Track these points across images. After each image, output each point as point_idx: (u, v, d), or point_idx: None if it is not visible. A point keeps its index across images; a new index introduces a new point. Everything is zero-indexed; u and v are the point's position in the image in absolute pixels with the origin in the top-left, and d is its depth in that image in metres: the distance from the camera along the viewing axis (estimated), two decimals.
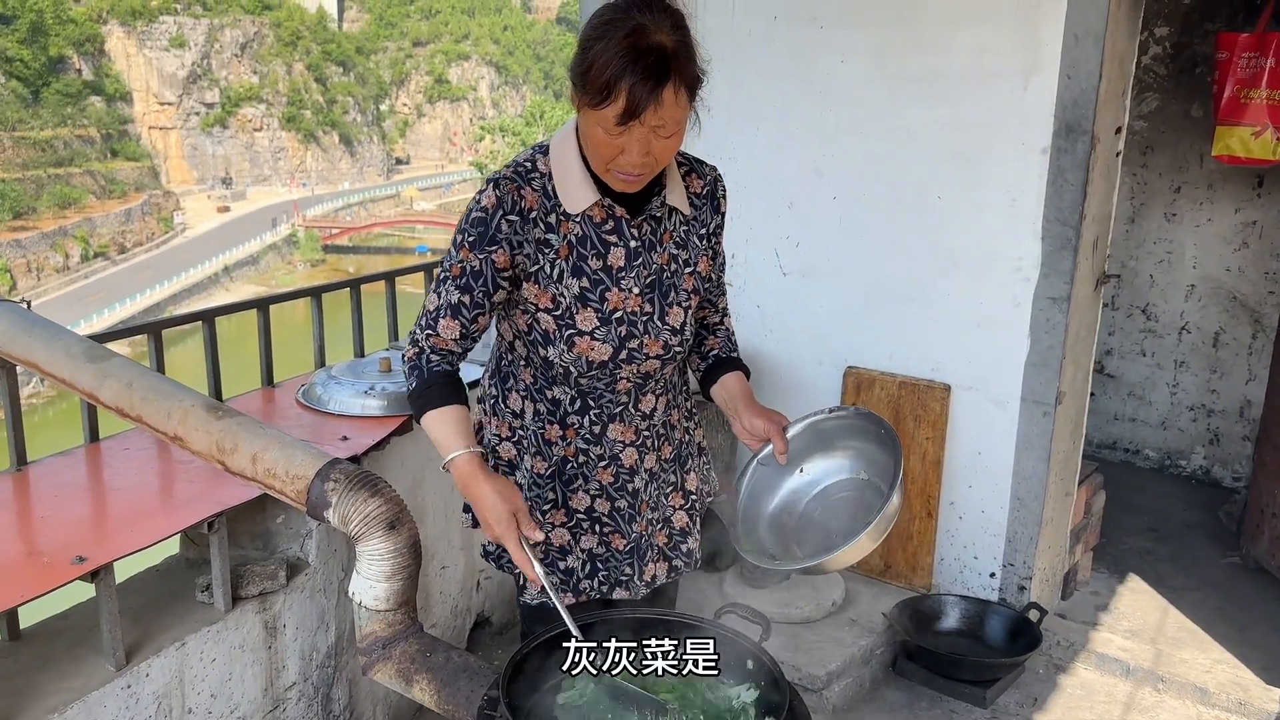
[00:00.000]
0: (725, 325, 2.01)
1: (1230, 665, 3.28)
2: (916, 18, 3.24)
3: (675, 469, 1.95)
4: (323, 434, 2.52)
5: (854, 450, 1.91)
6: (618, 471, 1.85)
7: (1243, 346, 4.67)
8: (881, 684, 3.18)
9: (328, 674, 2.49)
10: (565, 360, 1.73)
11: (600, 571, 1.88)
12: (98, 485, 2.36)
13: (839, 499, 1.89)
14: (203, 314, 2.83)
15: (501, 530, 1.63)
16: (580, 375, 1.75)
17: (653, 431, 1.87)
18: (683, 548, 1.98)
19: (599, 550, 1.88)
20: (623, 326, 1.73)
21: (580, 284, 1.71)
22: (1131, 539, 4.20)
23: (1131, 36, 3.14)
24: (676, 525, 1.96)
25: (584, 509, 1.86)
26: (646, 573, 1.91)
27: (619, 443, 1.83)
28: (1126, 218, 4.83)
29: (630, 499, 1.86)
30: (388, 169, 70.72)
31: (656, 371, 1.82)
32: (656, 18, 1.55)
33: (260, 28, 63.28)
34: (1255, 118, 3.93)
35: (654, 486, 1.90)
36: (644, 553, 1.90)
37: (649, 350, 1.76)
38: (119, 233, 47.60)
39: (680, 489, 1.96)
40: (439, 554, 2.95)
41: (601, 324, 1.71)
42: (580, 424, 1.81)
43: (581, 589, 1.88)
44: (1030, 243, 3.15)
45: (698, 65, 1.60)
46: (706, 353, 1.99)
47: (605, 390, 1.79)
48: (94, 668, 1.98)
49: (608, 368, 1.74)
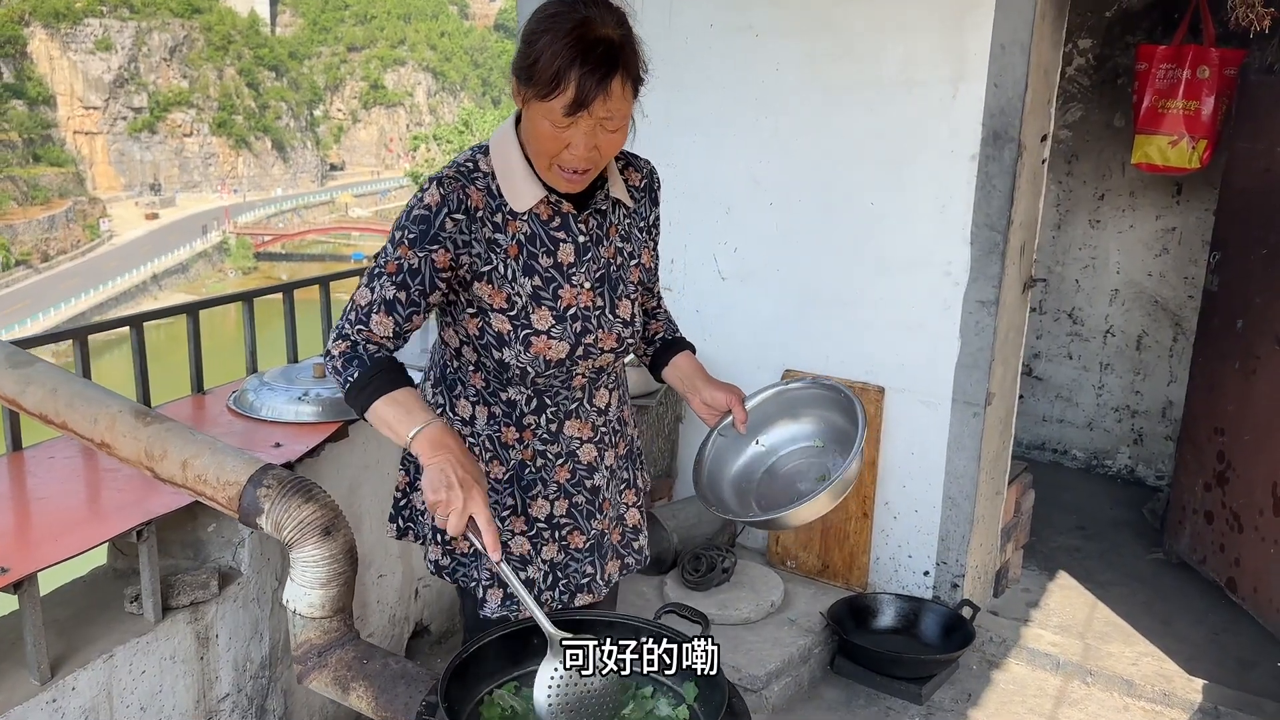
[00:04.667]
0: (664, 309, 2.03)
1: (1155, 658, 3.38)
2: (846, 27, 3.29)
3: (629, 466, 1.97)
4: (255, 440, 2.48)
5: (811, 419, 1.94)
6: (575, 468, 1.84)
7: (1164, 349, 4.82)
8: (820, 683, 3.22)
9: (262, 684, 2.45)
10: (522, 361, 1.71)
11: (561, 580, 1.87)
12: (20, 494, 2.29)
13: (796, 465, 1.92)
14: (130, 319, 2.76)
15: (481, 488, 1.53)
16: (537, 375, 1.73)
17: (609, 428, 1.88)
18: (634, 545, 1.99)
19: (559, 558, 1.86)
20: (577, 323, 1.73)
21: (533, 283, 1.69)
22: (1060, 537, 4.31)
23: (1056, 47, 3.23)
24: (629, 522, 1.97)
25: (544, 516, 1.83)
26: (606, 571, 1.91)
27: (576, 439, 1.83)
28: (1053, 224, 4.96)
29: (589, 495, 1.86)
30: (322, 175, 69.65)
31: (609, 365, 1.82)
32: (601, 12, 1.56)
33: (190, 31, 61.95)
34: (1172, 127, 4.08)
35: (613, 484, 1.91)
36: (605, 551, 1.90)
37: (603, 344, 1.76)
38: (42, 240, 46.21)
39: (632, 485, 1.98)
40: (376, 562, 2.92)
41: (557, 322, 1.71)
42: (537, 424, 1.79)
43: (543, 599, 1.85)
44: (960, 247, 3.22)
45: (642, 62, 1.62)
46: (652, 337, 2.00)
47: (561, 387, 1.78)
48: (17, 681, 1.92)
49: (564, 365, 1.73)
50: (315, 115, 72.16)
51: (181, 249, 49.62)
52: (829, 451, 1.90)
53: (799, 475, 1.90)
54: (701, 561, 3.38)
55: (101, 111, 57.50)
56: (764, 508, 1.89)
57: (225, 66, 63.06)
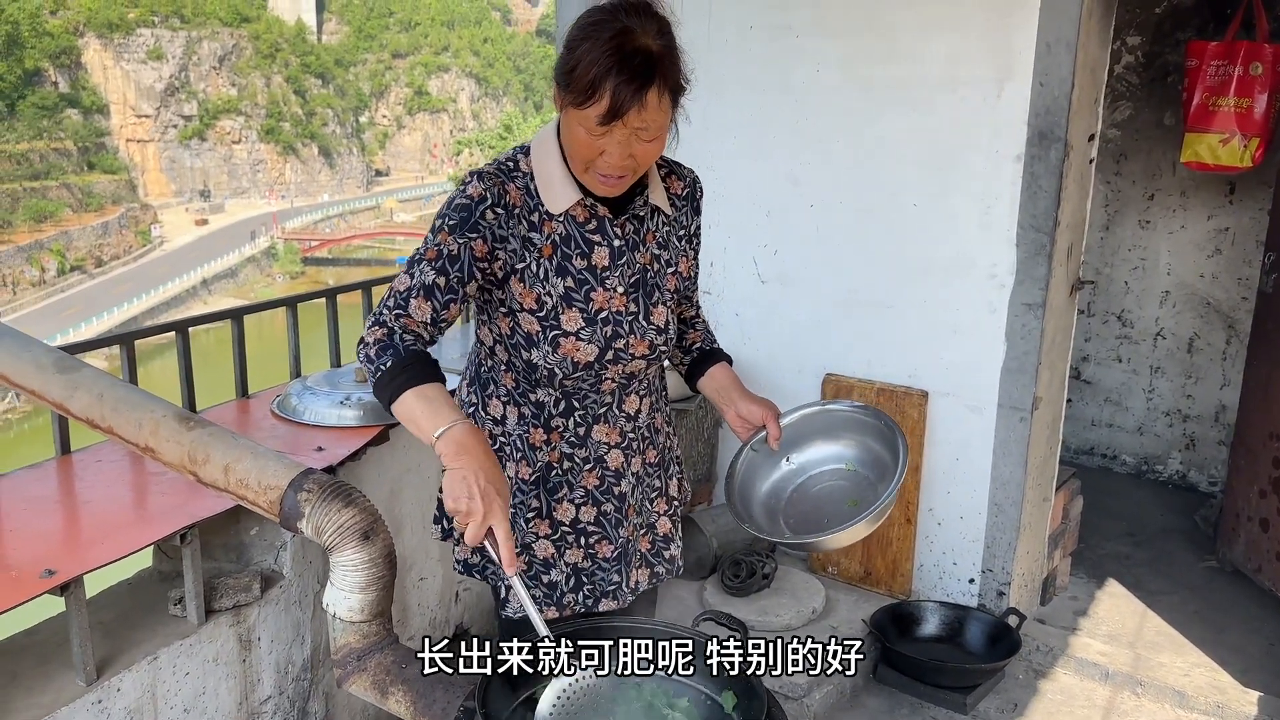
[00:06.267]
0: (702, 318, 2.03)
1: (1208, 668, 3.30)
2: (889, 27, 3.26)
3: (659, 473, 1.95)
4: (298, 445, 2.50)
5: (845, 442, 1.93)
6: (603, 474, 1.83)
7: (1217, 352, 4.71)
8: (862, 691, 3.18)
9: (304, 687, 2.46)
10: (550, 362, 1.71)
11: (585, 585, 1.86)
12: (69, 498, 2.33)
13: (825, 488, 1.91)
14: (176, 324, 2.80)
15: (503, 500, 1.50)
16: (565, 377, 1.73)
17: (637, 434, 1.86)
18: (665, 554, 1.97)
19: (584, 564, 1.85)
20: (608, 326, 1.72)
21: (565, 284, 1.69)
22: (1109, 544, 4.22)
23: (1104, 45, 3.17)
24: (660, 531, 1.96)
25: (569, 520, 1.83)
26: (632, 579, 1.90)
27: (604, 444, 1.82)
28: (1101, 225, 4.87)
29: (617, 503, 1.85)
30: (367, 181, 70.48)
31: (641, 372, 1.81)
32: (643, 22, 1.56)
33: (239, 40, 63.05)
34: (1223, 125, 3.99)
35: (640, 491, 1.90)
36: (630, 559, 1.89)
37: (635, 350, 1.76)
38: (96, 246, 47.21)
39: (664, 494, 1.96)
40: (416, 565, 2.93)
41: (587, 324, 1.70)
42: (565, 426, 1.79)
43: (565, 603, 1.85)
44: (1005, 249, 3.16)
45: (682, 72, 1.61)
46: (689, 347, 1.99)
47: (590, 391, 1.78)
48: (64, 683, 1.95)
49: (593, 368, 1.73)
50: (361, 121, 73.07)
51: (230, 254, 50.43)
52: (858, 476, 1.88)
53: (827, 498, 1.88)
54: (741, 567, 3.36)
55: (153, 119, 58.68)
56: (792, 529, 1.88)
57: (273, 74, 64.08)
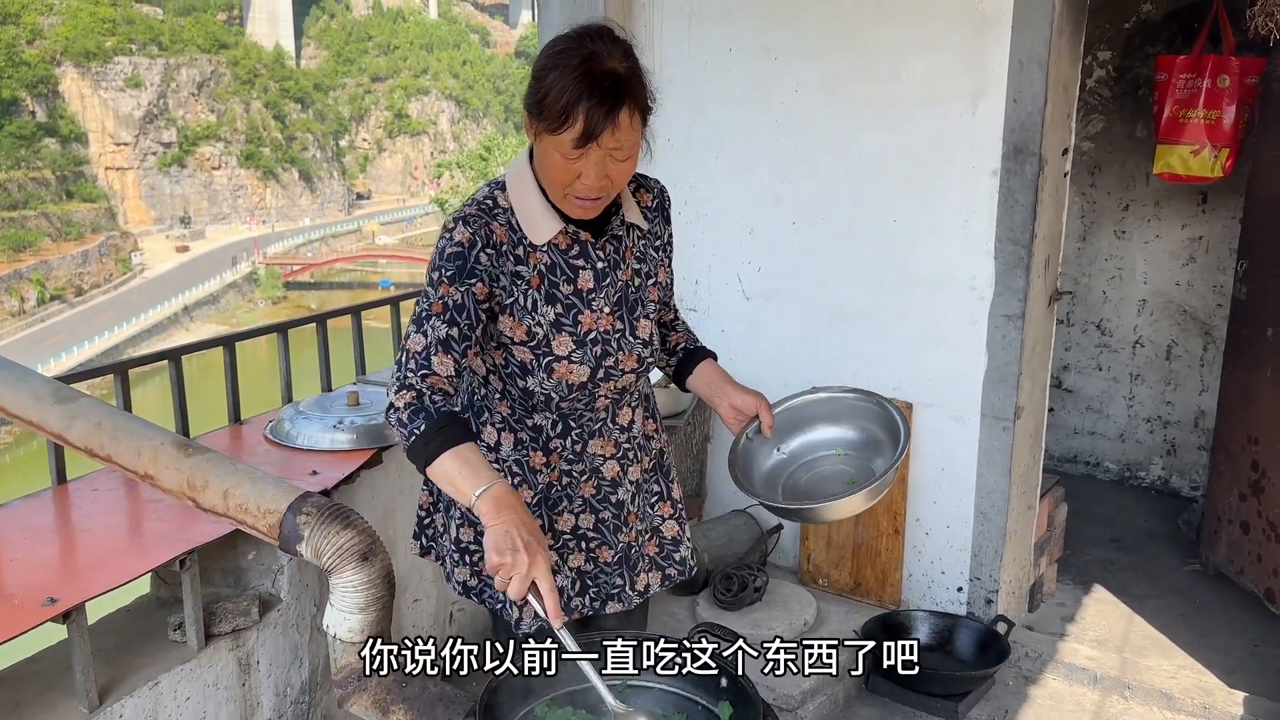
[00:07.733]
0: (682, 320, 2.08)
1: (1194, 670, 3.35)
2: (866, 48, 3.32)
3: (659, 479, 2.00)
4: (292, 469, 2.53)
5: (838, 427, 1.99)
6: (599, 484, 1.88)
7: (1195, 359, 4.79)
8: (855, 700, 3.21)
9: (303, 709, 2.48)
10: (546, 387, 1.76)
11: (590, 588, 1.91)
12: (66, 526, 2.35)
13: (819, 473, 1.96)
14: (168, 353, 2.83)
15: (545, 554, 1.54)
16: (561, 400, 1.78)
17: (632, 444, 1.92)
18: (675, 556, 2.02)
19: (587, 567, 1.91)
20: (597, 346, 1.77)
21: (555, 310, 1.74)
22: (1094, 550, 4.28)
23: (1074, 61, 3.25)
24: (667, 534, 2.01)
25: (569, 529, 1.88)
26: (639, 583, 1.94)
27: (599, 456, 1.87)
28: (1078, 236, 4.94)
29: (615, 510, 1.90)
30: (349, 204, 70.34)
31: (631, 385, 1.87)
32: (608, 46, 1.62)
33: (217, 66, 62.93)
34: (1194, 137, 4.06)
35: (640, 497, 1.95)
36: (634, 563, 1.94)
37: (624, 366, 1.81)
38: (76, 275, 46.91)
39: (667, 498, 2.01)
40: (411, 587, 2.95)
41: (577, 346, 1.75)
42: (562, 446, 1.84)
43: (573, 606, 1.90)
44: (984, 262, 3.23)
45: (650, 92, 1.67)
46: (674, 348, 2.04)
47: (585, 410, 1.83)
48: (67, 710, 1.97)
49: (586, 388, 1.78)
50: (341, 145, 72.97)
51: (212, 280, 50.23)
52: (850, 460, 1.94)
53: (822, 482, 1.94)
54: (733, 581, 3.39)
55: (132, 147, 58.44)
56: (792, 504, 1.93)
57: (252, 100, 63.98)
